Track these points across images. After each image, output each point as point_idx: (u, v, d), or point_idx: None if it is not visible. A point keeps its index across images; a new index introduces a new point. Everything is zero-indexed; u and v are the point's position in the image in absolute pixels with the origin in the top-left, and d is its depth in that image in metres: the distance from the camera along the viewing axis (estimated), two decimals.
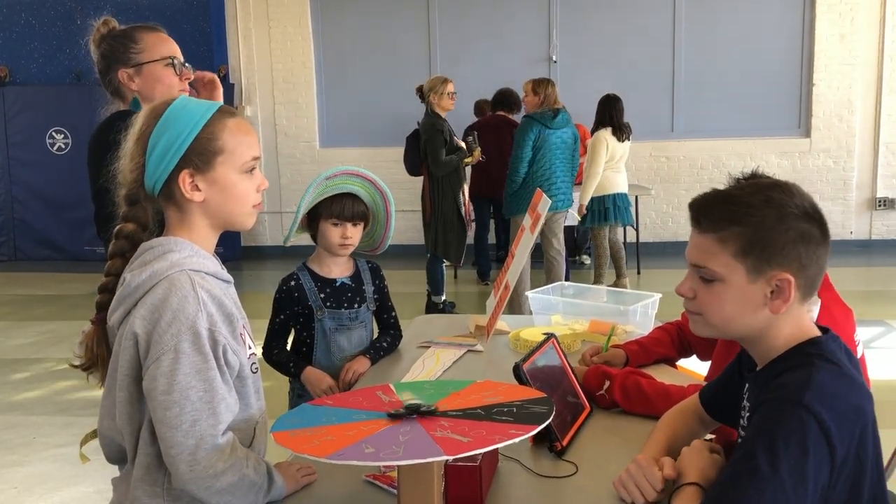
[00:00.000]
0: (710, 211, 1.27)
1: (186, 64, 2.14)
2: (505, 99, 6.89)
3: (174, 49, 2.14)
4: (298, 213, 2.21)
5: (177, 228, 1.40)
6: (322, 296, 2.29)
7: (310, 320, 2.30)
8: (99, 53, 2.10)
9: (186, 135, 1.35)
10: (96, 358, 1.45)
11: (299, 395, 2.34)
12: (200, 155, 1.36)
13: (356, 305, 2.32)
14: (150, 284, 1.32)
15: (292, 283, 2.29)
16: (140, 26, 2.13)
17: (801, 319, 1.27)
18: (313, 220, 2.26)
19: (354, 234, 2.26)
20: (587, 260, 7.88)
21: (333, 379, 2.25)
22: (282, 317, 2.31)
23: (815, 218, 1.24)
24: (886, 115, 8.08)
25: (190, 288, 1.31)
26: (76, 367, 1.46)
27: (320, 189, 2.20)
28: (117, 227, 1.41)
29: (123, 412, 1.35)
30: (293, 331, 2.36)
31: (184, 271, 1.33)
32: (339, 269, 2.33)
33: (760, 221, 1.22)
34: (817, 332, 1.27)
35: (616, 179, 6.27)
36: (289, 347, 2.36)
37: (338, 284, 2.31)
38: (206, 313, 1.31)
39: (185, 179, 1.36)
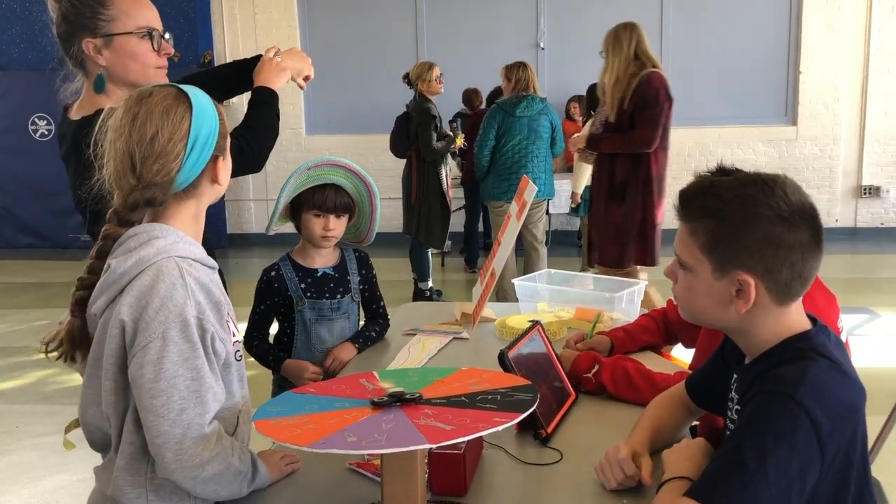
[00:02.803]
0: (687, 200, 1.26)
1: (166, 35, 1.80)
2: (500, 94, 6.89)
3: (152, 17, 1.78)
4: (278, 203, 2.17)
5: (160, 215, 1.38)
6: (303, 286, 2.26)
7: (291, 311, 2.27)
8: (59, 12, 1.73)
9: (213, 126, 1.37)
10: (74, 344, 1.42)
11: (279, 385, 2.31)
12: None
13: (339, 296, 2.29)
14: (137, 271, 1.29)
15: (273, 273, 2.26)
16: None
17: (789, 316, 1.24)
18: (296, 210, 2.23)
19: (337, 225, 2.23)
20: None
21: (317, 366, 2.22)
22: (262, 307, 2.29)
23: (793, 221, 1.18)
24: (872, 103, 8.12)
25: (178, 275, 1.29)
26: (48, 353, 1.42)
27: (302, 179, 2.17)
28: (106, 231, 1.36)
29: (109, 401, 1.32)
30: (276, 322, 2.34)
31: (171, 258, 1.30)
32: (322, 260, 2.30)
33: (727, 218, 1.20)
34: (807, 326, 1.25)
35: None
36: (272, 339, 2.34)
37: (319, 274, 2.28)
38: (194, 301, 1.29)
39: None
